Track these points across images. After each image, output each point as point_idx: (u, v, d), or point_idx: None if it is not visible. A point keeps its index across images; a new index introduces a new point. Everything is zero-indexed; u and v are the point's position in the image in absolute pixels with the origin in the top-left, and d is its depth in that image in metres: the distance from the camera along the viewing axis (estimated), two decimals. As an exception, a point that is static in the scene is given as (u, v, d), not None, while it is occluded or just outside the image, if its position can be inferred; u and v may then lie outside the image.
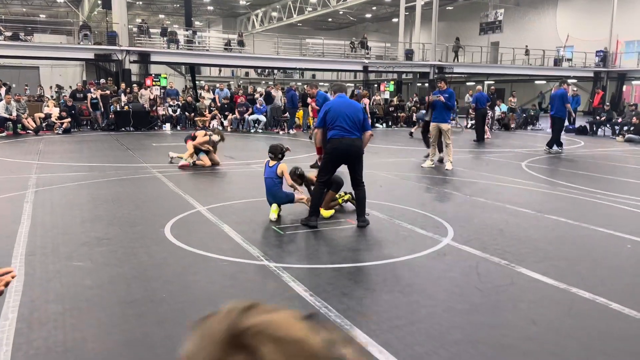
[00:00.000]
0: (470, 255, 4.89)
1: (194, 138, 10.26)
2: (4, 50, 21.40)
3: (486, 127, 17.88)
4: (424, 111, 18.89)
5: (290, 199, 6.19)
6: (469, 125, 21.62)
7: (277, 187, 6.12)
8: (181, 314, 3.52)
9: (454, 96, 10.73)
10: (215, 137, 10.38)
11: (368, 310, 3.63)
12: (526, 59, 32.67)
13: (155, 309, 3.60)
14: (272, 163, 6.23)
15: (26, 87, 24.73)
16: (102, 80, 21.69)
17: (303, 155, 12.12)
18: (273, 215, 5.99)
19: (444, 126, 10.43)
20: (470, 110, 21.21)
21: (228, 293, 3.91)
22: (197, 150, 10.19)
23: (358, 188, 6.02)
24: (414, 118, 20.27)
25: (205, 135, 10.29)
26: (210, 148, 10.27)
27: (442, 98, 10.26)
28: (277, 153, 6.25)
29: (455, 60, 31.63)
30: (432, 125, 10.78)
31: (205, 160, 10.13)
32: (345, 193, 6.77)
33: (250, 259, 4.70)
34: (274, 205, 6.06)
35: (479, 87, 18.08)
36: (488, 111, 17.69)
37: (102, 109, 18.73)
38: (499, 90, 30.37)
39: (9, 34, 22.25)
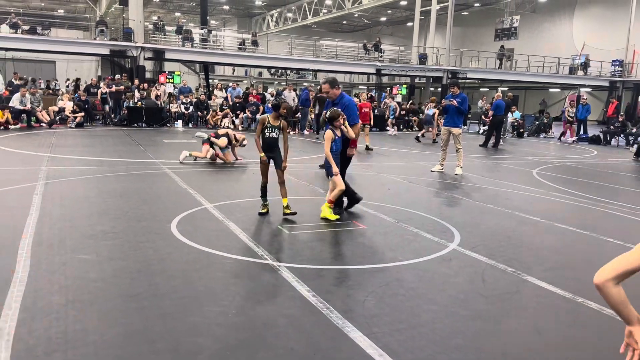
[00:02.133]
0: (476, 262, 4.84)
1: (212, 138, 10.37)
2: (22, 44, 21.70)
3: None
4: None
5: (328, 169, 6.17)
6: (480, 131, 21.50)
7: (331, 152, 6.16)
8: (183, 309, 3.52)
9: (466, 101, 10.70)
10: (240, 136, 10.86)
11: (370, 313, 3.60)
12: (541, 65, 32.36)
13: (157, 303, 3.61)
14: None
15: (40, 81, 24.99)
16: (117, 76, 21.87)
17: (311, 156, 12.12)
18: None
19: (455, 130, 10.40)
20: (484, 117, 21.15)
21: (230, 290, 3.90)
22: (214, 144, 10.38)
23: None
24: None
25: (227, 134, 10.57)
26: (235, 141, 10.64)
27: (455, 102, 10.24)
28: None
29: (500, 67, 31.69)
30: (444, 129, 10.77)
31: (228, 156, 10.29)
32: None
33: (254, 257, 4.69)
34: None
35: (499, 94, 18.02)
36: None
37: (111, 105, 18.90)
38: (513, 97, 30.18)
39: (26, 28, 22.54)
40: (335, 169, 6.08)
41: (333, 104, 6.67)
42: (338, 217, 6.14)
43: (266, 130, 6.08)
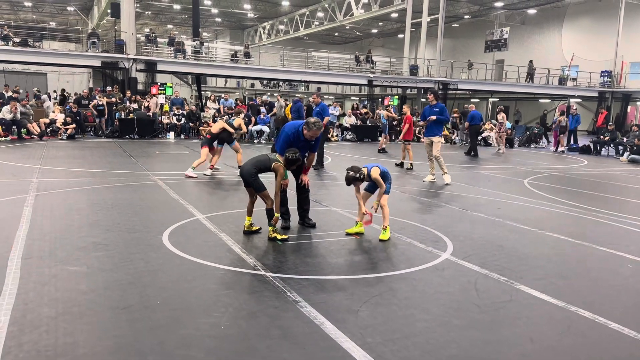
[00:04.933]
0: (469, 271, 4.85)
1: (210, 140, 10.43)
2: (13, 55, 21.63)
3: (501, 142, 18.54)
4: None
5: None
6: (460, 141, 21.65)
7: None
8: (174, 321, 3.49)
9: (444, 110, 10.89)
10: (239, 121, 11.18)
11: (363, 323, 3.59)
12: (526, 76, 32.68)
13: (148, 316, 3.57)
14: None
15: (27, 94, 24.92)
16: (109, 88, 21.85)
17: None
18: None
19: (435, 139, 10.55)
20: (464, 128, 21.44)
21: (223, 302, 3.87)
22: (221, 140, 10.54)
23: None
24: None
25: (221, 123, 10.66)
26: (234, 132, 10.73)
27: (433, 118, 10.44)
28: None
29: (529, 81, 31.97)
30: (425, 139, 10.94)
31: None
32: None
33: (247, 268, 4.67)
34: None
35: (472, 105, 18.84)
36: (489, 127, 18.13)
37: (107, 116, 18.86)
38: (504, 108, 30.36)
39: (18, 40, 22.49)
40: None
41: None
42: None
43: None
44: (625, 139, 19.47)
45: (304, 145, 6.04)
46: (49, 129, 17.18)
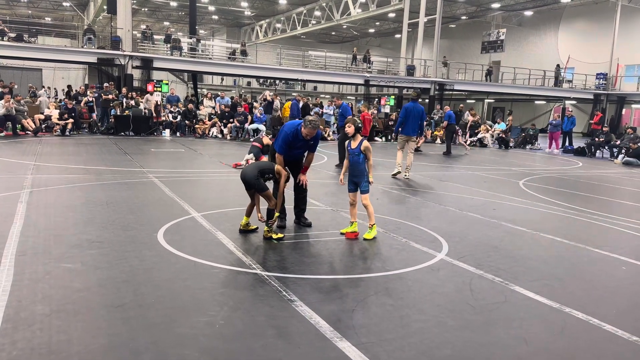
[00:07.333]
0: (464, 271, 4.86)
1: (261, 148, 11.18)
2: (8, 51, 21.48)
3: (463, 140, 18.94)
4: None
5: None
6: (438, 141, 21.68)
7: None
8: (169, 320, 3.47)
9: (402, 112, 11.44)
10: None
11: (358, 323, 3.59)
12: (527, 78, 32.77)
13: (143, 314, 3.56)
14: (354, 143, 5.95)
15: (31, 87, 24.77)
16: (105, 84, 21.75)
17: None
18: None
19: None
20: (442, 126, 21.63)
21: (217, 300, 3.86)
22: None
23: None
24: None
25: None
26: None
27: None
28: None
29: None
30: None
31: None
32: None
33: (242, 266, 4.66)
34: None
35: (447, 107, 19.85)
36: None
37: (98, 113, 18.78)
38: (500, 109, 30.53)
39: (13, 35, 22.36)
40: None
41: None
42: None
43: None
44: (619, 142, 19.57)
45: (302, 144, 6.02)
46: (43, 125, 17.09)
